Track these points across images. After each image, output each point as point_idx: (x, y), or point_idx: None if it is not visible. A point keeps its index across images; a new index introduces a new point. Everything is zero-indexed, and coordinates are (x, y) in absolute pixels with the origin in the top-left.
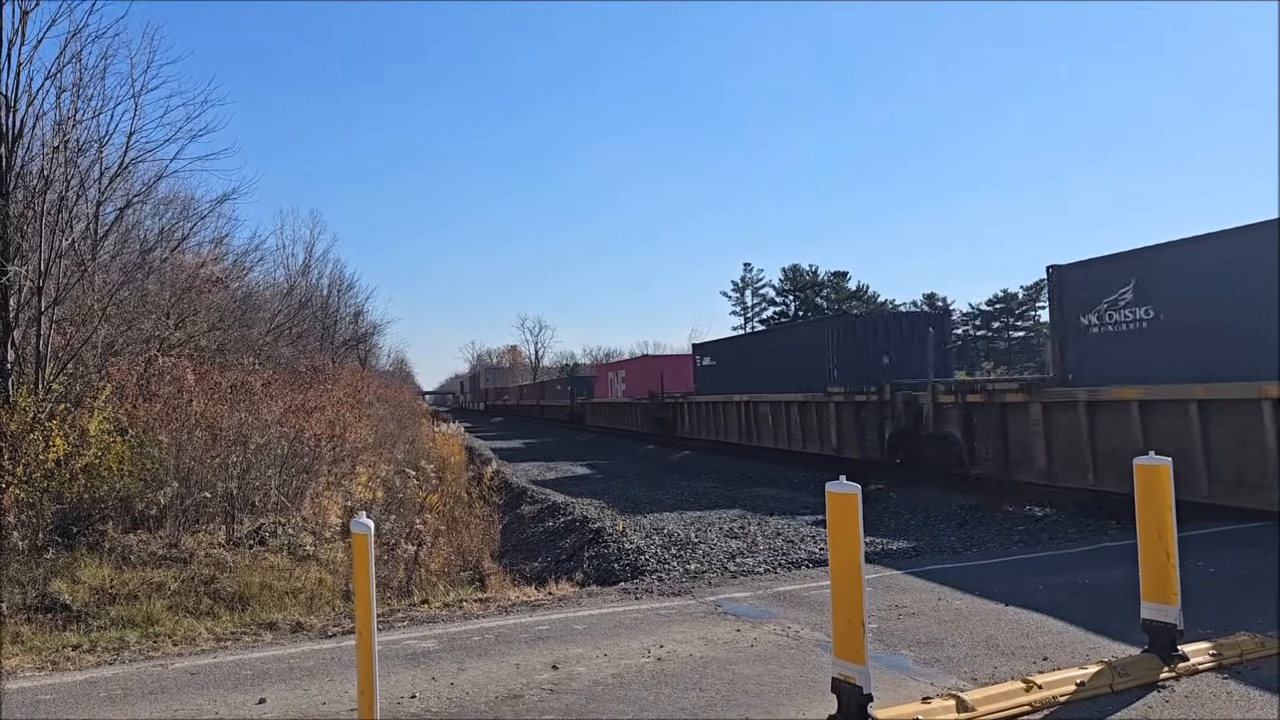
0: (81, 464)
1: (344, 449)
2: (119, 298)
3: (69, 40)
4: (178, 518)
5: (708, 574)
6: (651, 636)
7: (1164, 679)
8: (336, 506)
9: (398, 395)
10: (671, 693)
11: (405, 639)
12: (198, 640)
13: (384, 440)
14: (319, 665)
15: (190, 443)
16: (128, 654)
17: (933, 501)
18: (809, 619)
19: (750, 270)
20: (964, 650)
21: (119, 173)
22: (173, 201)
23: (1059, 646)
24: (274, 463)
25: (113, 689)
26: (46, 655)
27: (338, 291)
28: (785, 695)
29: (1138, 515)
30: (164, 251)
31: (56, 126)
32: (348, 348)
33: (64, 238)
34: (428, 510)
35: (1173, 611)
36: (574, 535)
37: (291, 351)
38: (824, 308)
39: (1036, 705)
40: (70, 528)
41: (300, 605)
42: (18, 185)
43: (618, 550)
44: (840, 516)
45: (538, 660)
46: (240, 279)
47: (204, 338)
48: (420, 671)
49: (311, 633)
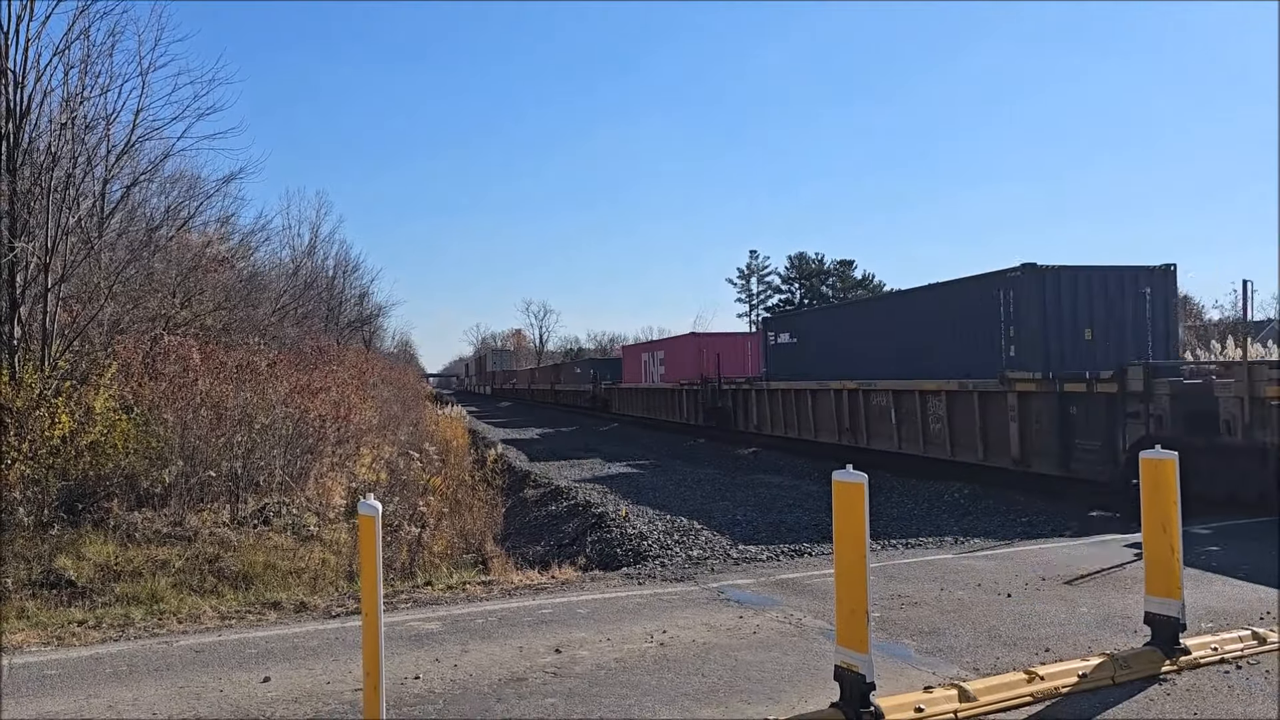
0: (87, 441)
1: (348, 430)
2: (125, 275)
3: (77, 16)
4: (182, 496)
5: (710, 560)
6: (654, 621)
7: (1165, 672)
8: (340, 487)
9: (401, 378)
10: (674, 677)
11: (409, 620)
12: (202, 618)
13: (388, 422)
14: (323, 645)
15: (195, 422)
16: (132, 631)
17: (934, 490)
18: (812, 607)
19: (756, 257)
20: (966, 640)
21: (126, 150)
22: (179, 180)
23: (1061, 638)
24: (278, 443)
25: (118, 665)
26: (52, 631)
27: (343, 273)
28: (787, 682)
29: (1143, 509)
30: (170, 230)
31: (64, 103)
32: (353, 329)
33: (71, 215)
34: (431, 492)
35: (1175, 605)
36: (577, 519)
37: (297, 332)
38: (829, 296)
39: (1038, 696)
40: (75, 504)
41: (304, 585)
42: (25, 162)
43: (620, 535)
44: (846, 506)
45: (540, 643)
46: (246, 259)
47: (210, 317)
48: (424, 653)
49: (315, 613)
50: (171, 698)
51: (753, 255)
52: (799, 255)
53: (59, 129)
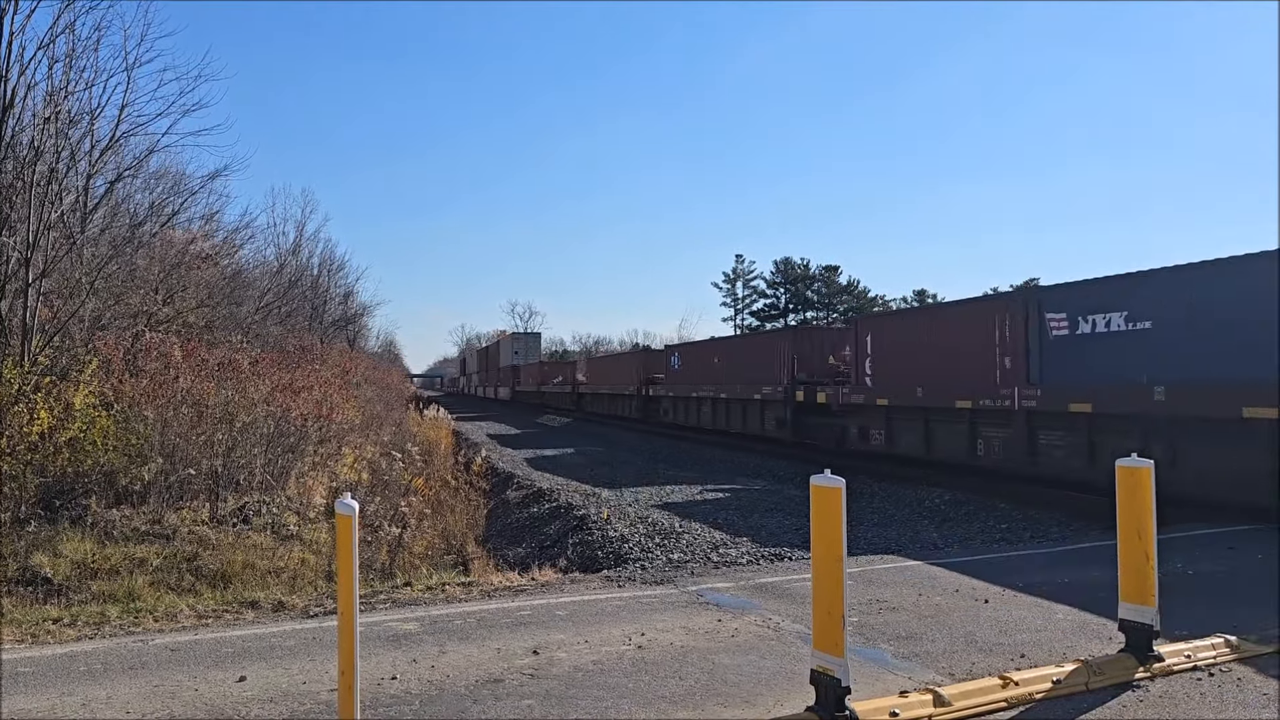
0: (66, 438)
1: (330, 429)
2: (107, 271)
3: (63, 10)
4: (161, 494)
5: (690, 564)
6: (633, 624)
7: (1139, 679)
8: (321, 487)
9: (385, 378)
10: (651, 680)
11: (387, 620)
12: (179, 617)
13: (371, 422)
14: (300, 645)
15: (176, 419)
16: (108, 629)
17: (916, 495)
18: (790, 611)
19: (742, 262)
20: (943, 645)
21: (110, 146)
22: (164, 176)
23: (1037, 644)
24: (259, 441)
25: (92, 663)
26: (26, 628)
27: (328, 271)
28: (764, 685)
29: (1118, 516)
30: (154, 226)
31: (48, 97)
32: (337, 328)
33: (53, 210)
34: (413, 493)
35: (1150, 612)
36: (558, 521)
37: (280, 330)
38: (814, 301)
39: (1013, 701)
40: (53, 501)
41: (283, 584)
42: (8, 156)
43: (601, 538)
44: (824, 510)
45: (519, 645)
46: (230, 256)
47: (192, 314)
48: (401, 653)
49: (293, 612)
50: (146, 696)
51: (738, 259)
52: (784, 260)
53: (43, 123)
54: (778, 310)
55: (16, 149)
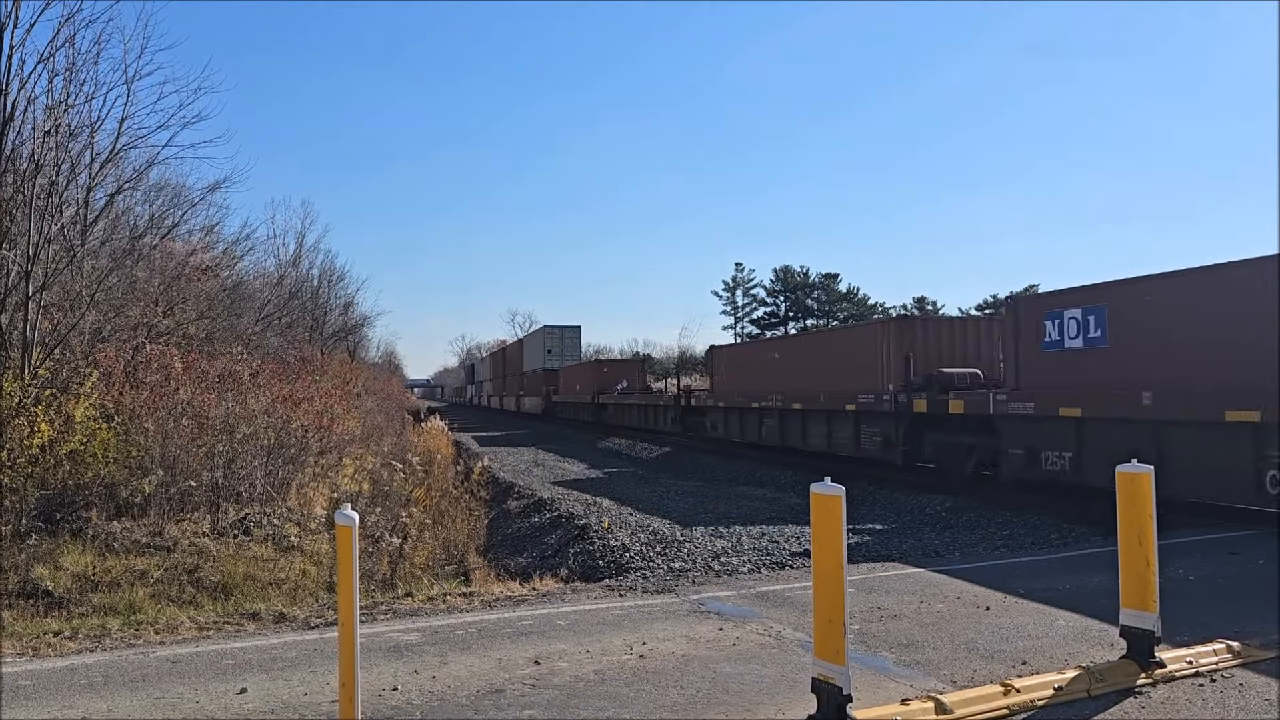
0: (66, 450)
1: (331, 440)
2: (108, 284)
3: (62, 24)
4: (162, 506)
5: (691, 572)
6: (634, 633)
7: (1140, 685)
8: (322, 498)
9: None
10: (653, 690)
11: (388, 631)
12: (180, 629)
13: (371, 432)
14: (301, 656)
15: (176, 431)
16: (109, 641)
17: (916, 502)
18: (791, 619)
19: (741, 270)
20: (944, 653)
21: (110, 158)
22: (164, 188)
23: (1038, 651)
24: (260, 453)
25: (93, 676)
26: (27, 641)
27: (328, 282)
28: (766, 694)
29: (1119, 522)
30: (154, 238)
31: (48, 110)
32: (337, 339)
33: (53, 222)
34: (414, 503)
35: (1151, 618)
36: (559, 531)
37: (280, 341)
38: (814, 309)
39: (1014, 709)
40: (54, 514)
41: (284, 596)
42: (8, 169)
43: (603, 547)
44: (824, 518)
45: (520, 655)
46: (230, 268)
47: (192, 326)
48: (402, 664)
49: (294, 624)
50: (147, 709)
51: (738, 268)
52: (784, 268)
53: (43, 136)
54: (778, 319)
55: (17, 162)
